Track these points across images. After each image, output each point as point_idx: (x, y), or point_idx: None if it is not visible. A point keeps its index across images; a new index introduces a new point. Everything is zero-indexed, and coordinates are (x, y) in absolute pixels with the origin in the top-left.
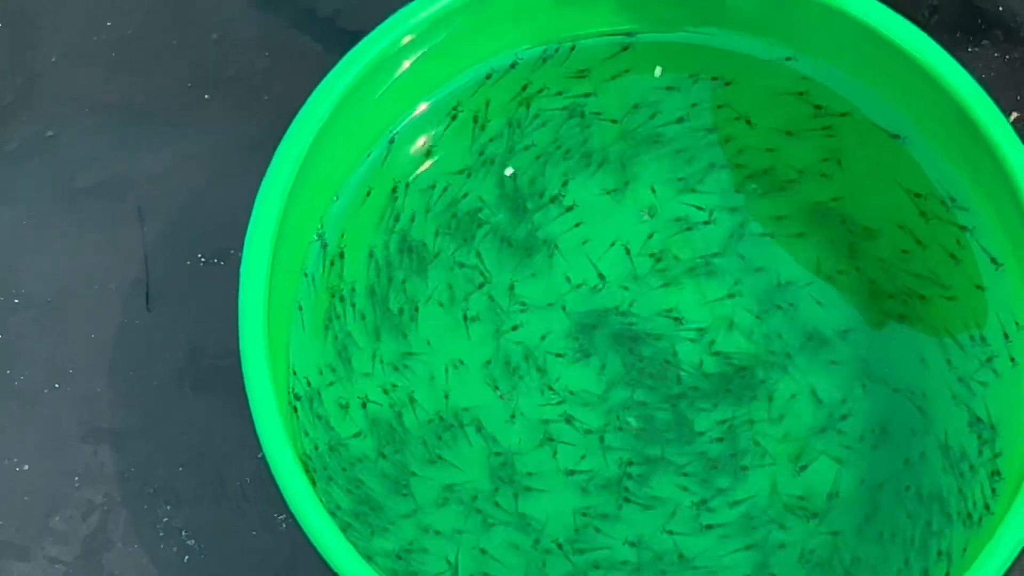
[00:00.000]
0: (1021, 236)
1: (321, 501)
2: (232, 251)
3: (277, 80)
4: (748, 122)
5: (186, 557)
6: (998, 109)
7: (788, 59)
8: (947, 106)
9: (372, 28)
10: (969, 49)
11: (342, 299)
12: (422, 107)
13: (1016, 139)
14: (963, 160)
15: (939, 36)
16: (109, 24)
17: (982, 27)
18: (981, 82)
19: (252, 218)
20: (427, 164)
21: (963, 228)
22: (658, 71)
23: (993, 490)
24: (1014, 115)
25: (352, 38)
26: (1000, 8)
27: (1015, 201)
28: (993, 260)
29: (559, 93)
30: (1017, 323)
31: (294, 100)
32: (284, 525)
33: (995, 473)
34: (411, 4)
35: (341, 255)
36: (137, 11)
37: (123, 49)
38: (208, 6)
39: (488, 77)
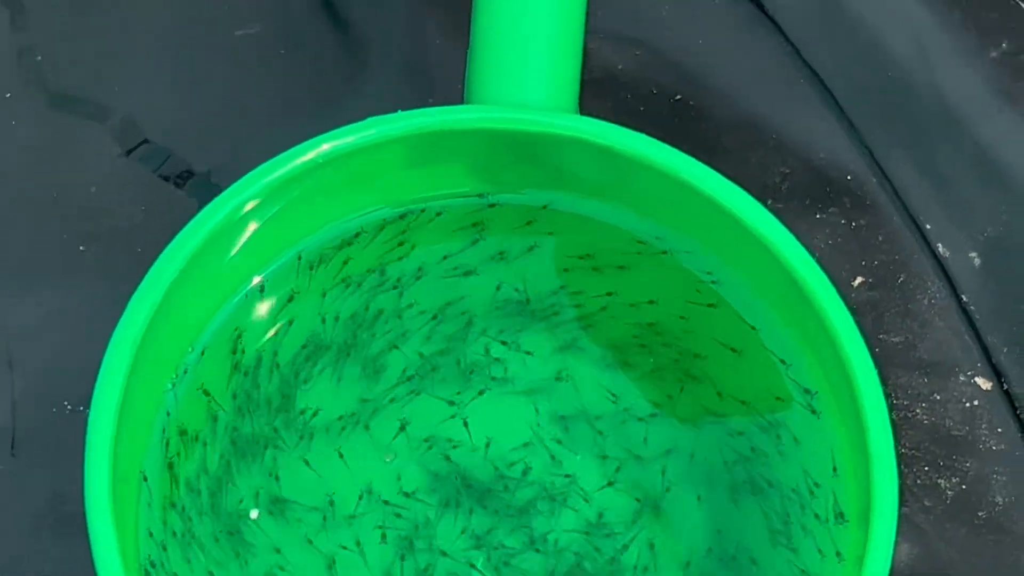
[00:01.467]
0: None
1: None
2: None
3: (151, 234)
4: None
5: None
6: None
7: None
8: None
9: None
10: (817, 216)
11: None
12: (264, 274)
13: (839, 303)
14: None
15: (788, 202)
16: None
17: (830, 195)
18: (827, 247)
19: (99, 374)
20: (273, 330)
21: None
22: None
23: None
24: (859, 280)
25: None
26: (848, 177)
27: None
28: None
29: (399, 258)
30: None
31: None
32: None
33: None
34: (253, 172)
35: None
36: (21, 167)
37: (3, 200)
38: (89, 159)
39: (338, 238)
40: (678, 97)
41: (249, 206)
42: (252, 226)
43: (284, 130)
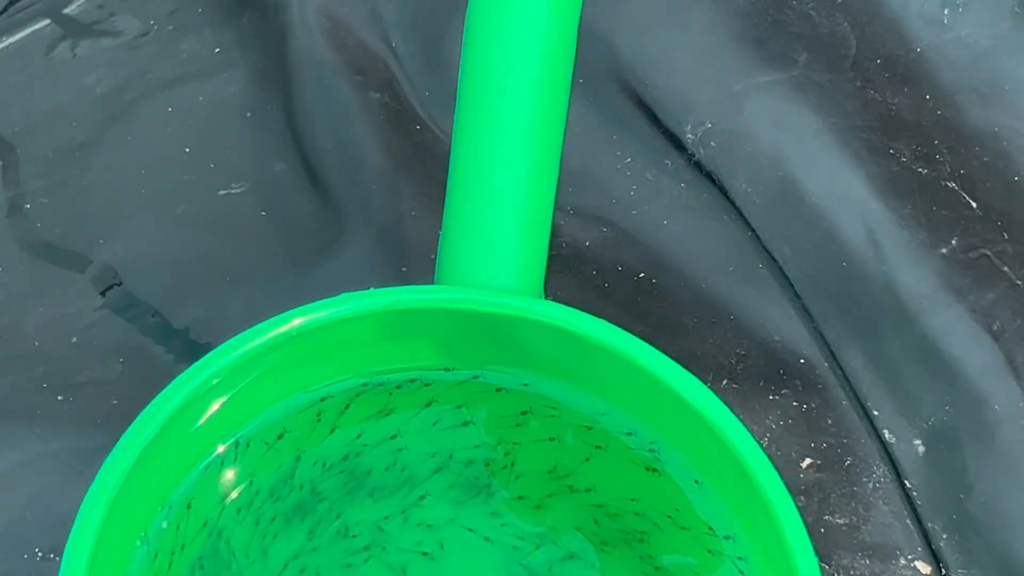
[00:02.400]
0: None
1: None
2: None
3: (128, 386)
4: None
5: None
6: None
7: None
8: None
9: (219, 341)
10: (770, 397)
11: None
12: (234, 440)
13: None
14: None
15: (742, 382)
16: None
17: (783, 377)
18: (779, 427)
19: (70, 536)
20: (237, 492)
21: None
22: None
23: None
24: (807, 461)
25: (203, 349)
26: (801, 361)
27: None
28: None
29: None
30: None
31: (143, 406)
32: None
33: None
34: (222, 345)
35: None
36: (4, 312)
37: None
38: (71, 311)
39: (309, 407)
40: (642, 275)
41: (217, 379)
42: (223, 395)
43: (262, 288)
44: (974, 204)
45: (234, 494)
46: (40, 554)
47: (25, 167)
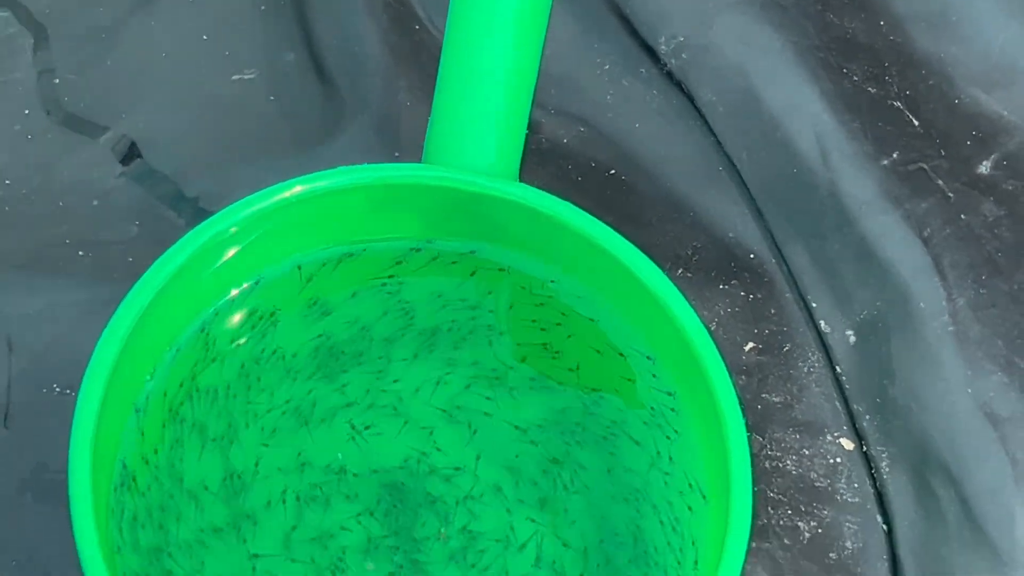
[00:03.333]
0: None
1: None
2: None
3: (142, 247)
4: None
5: None
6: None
7: (552, 281)
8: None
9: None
10: (721, 286)
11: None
12: (244, 287)
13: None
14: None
15: (696, 272)
16: (8, 182)
17: (734, 269)
18: (726, 314)
19: (89, 363)
20: (243, 340)
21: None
22: None
23: None
24: (750, 345)
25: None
26: (751, 256)
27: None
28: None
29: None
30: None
31: None
32: None
33: None
34: (234, 204)
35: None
36: (33, 176)
37: (16, 204)
38: (93, 177)
39: (300, 267)
40: (612, 172)
41: (230, 232)
42: (231, 249)
43: (267, 166)
44: (916, 123)
45: (241, 340)
46: (58, 389)
47: (55, 46)
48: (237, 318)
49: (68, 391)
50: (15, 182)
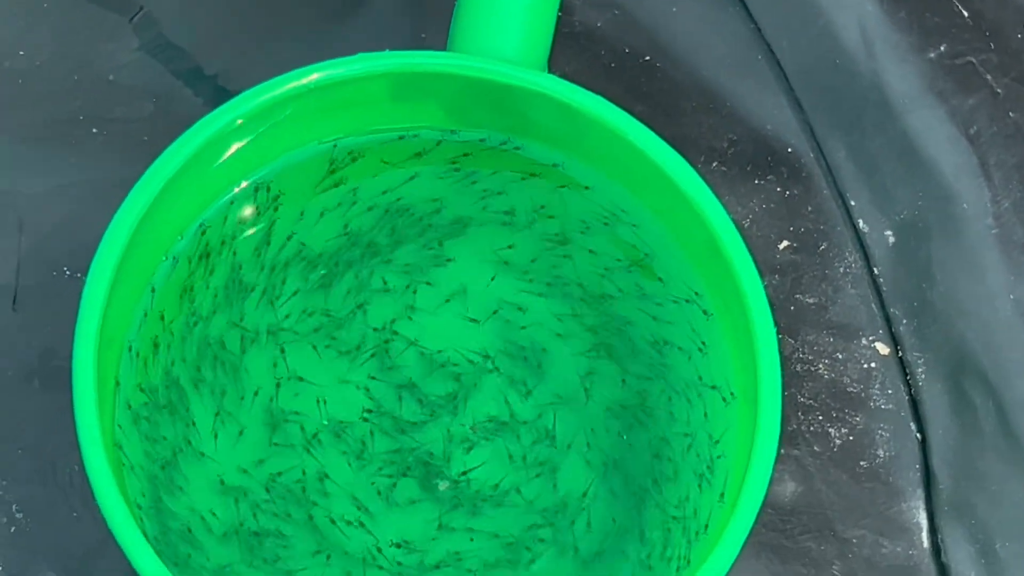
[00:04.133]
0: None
1: (123, 495)
2: None
3: (158, 125)
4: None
5: (12, 528)
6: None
7: (555, 165)
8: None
9: (245, 90)
10: (756, 181)
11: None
12: (253, 179)
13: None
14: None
15: (731, 166)
16: (21, 53)
17: (771, 164)
18: (761, 211)
19: (105, 234)
20: (253, 230)
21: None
22: None
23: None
24: (784, 243)
25: (227, 96)
26: (788, 150)
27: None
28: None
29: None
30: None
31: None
32: (100, 512)
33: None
34: (248, 91)
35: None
36: (47, 47)
37: (29, 78)
38: (109, 50)
39: (321, 155)
40: (647, 59)
41: (246, 118)
42: (247, 136)
43: (288, 45)
44: (966, 14)
45: (250, 231)
46: (68, 272)
47: None
48: (250, 209)
49: (78, 275)
50: (29, 53)
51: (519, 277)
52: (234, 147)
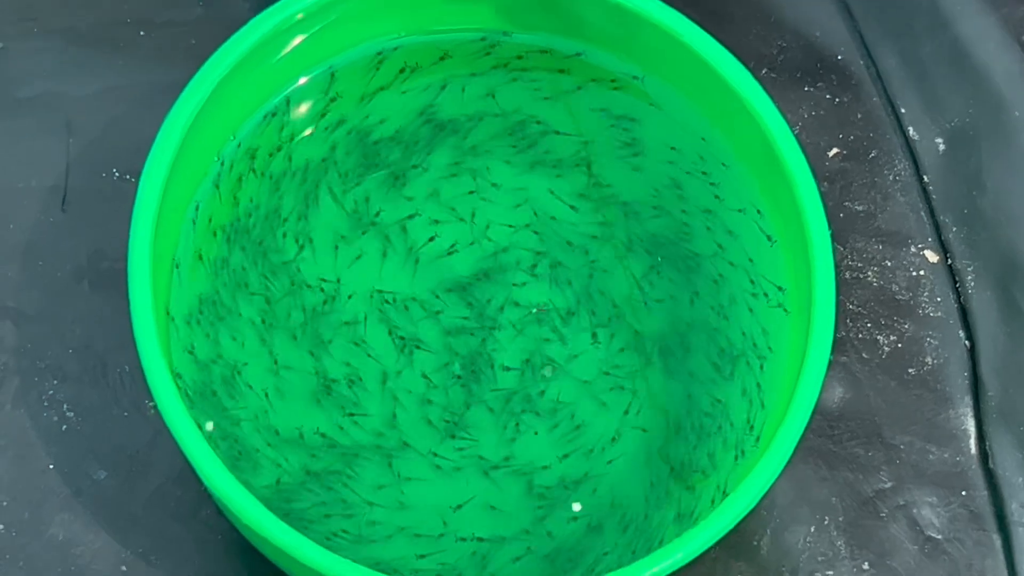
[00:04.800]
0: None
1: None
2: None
3: (206, 29)
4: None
5: (64, 427)
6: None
7: (635, 78)
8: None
9: None
10: (805, 88)
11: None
12: (309, 77)
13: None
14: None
15: (781, 73)
16: None
17: (820, 71)
18: (810, 118)
19: (158, 133)
20: (310, 129)
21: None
22: None
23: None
24: (834, 151)
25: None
26: (839, 57)
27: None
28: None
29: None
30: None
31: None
32: (152, 411)
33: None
34: None
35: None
36: None
37: None
38: None
39: (377, 54)
40: None
41: (298, 17)
42: (300, 36)
43: None
44: None
45: (308, 131)
46: (117, 174)
47: None
48: (306, 106)
49: (128, 176)
50: None
51: (576, 185)
52: (290, 45)
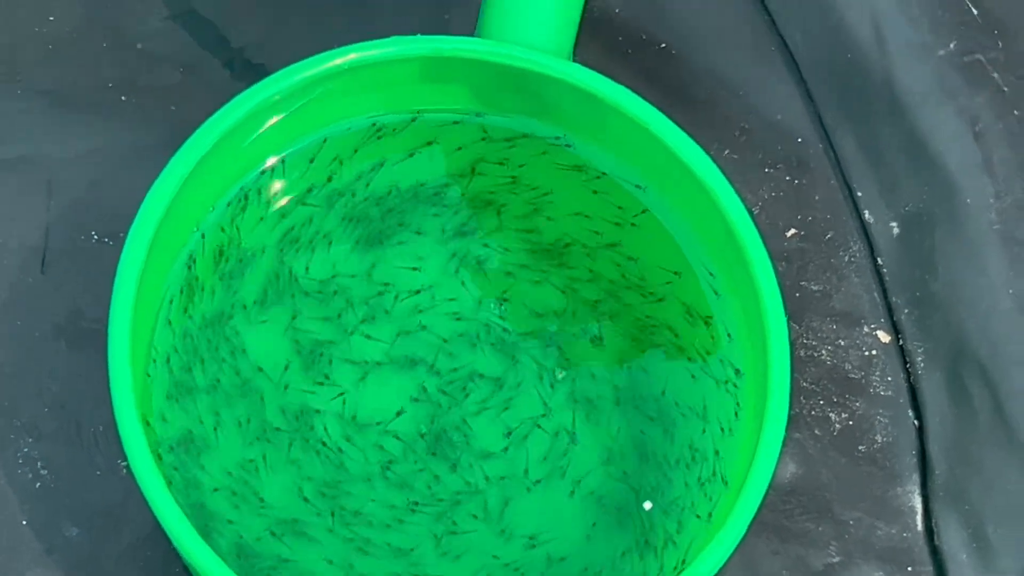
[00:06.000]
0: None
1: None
2: (121, 234)
3: (185, 95)
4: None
5: (38, 484)
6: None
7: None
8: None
9: (272, 64)
10: (766, 170)
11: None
12: (284, 155)
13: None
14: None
15: (743, 154)
16: (51, 19)
17: (781, 153)
18: (770, 198)
19: (142, 204)
20: (282, 201)
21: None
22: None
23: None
24: (792, 231)
25: (255, 69)
26: (798, 140)
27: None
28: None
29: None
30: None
31: (198, 114)
32: (124, 471)
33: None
34: (285, 69)
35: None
36: (78, 12)
37: (60, 43)
38: (138, 18)
39: (354, 133)
40: (663, 45)
41: (279, 97)
42: (279, 114)
43: (315, 19)
44: (976, 11)
45: (281, 203)
46: (96, 237)
47: None
48: (279, 185)
49: (106, 239)
50: (59, 18)
51: (536, 262)
52: (268, 123)
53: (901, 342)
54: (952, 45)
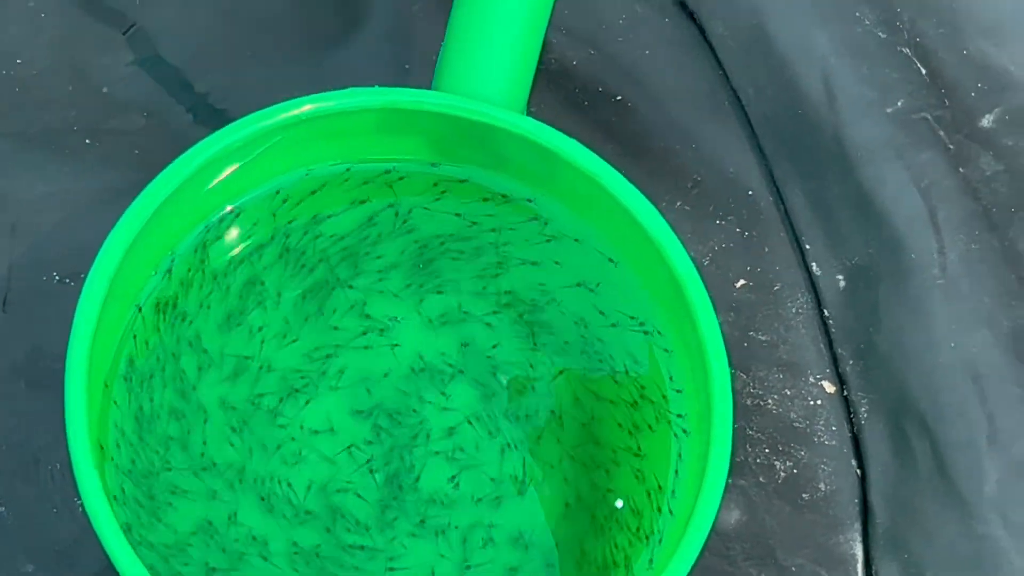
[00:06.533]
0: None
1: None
2: (82, 275)
3: (149, 139)
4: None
5: None
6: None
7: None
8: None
9: (234, 111)
10: (717, 222)
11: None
12: (241, 201)
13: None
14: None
15: (695, 206)
16: (19, 62)
17: (731, 205)
18: (721, 249)
19: (101, 248)
20: (239, 248)
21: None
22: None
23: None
24: (741, 282)
25: (217, 115)
26: (749, 192)
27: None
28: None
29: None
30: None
31: (160, 158)
32: (80, 509)
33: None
34: (243, 119)
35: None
36: (45, 56)
37: (26, 86)
38: (104, 63)
39: (307, 183)
40: (619, 98)
41: (238, 145)
42: (236, 163)
43: (277, 68)
44: (923, 71)
45: (237, 250)
46: (58, 278)
47: None
48: (235, 232)
49: (68, 280)
50: (26, 62)
51: (487, 311)
52: (226, 172)
53: (845, 393)
54: (900, 103)
